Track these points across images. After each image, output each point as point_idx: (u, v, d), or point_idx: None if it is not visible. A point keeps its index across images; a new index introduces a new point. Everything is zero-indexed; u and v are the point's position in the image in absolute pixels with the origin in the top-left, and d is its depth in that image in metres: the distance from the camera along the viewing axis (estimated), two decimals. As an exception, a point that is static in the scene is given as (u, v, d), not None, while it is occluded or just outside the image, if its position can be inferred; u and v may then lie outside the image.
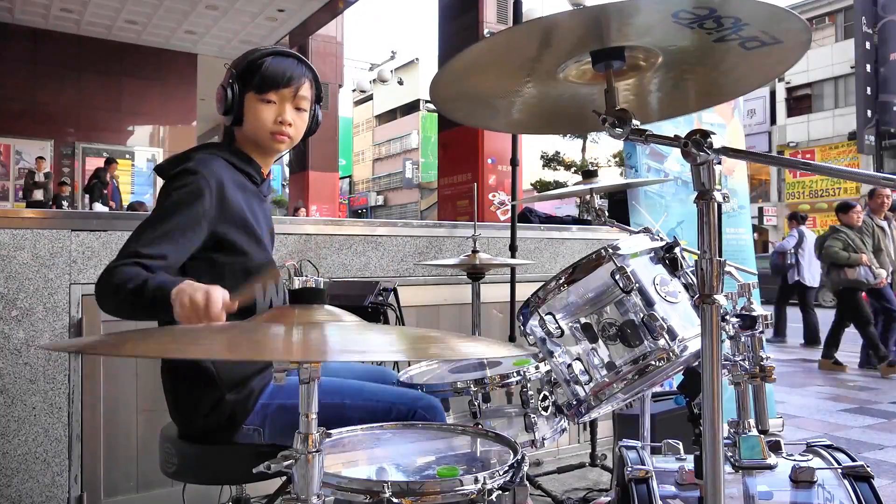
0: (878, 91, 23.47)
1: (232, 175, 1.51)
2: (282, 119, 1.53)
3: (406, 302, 2.49)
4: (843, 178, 1.47)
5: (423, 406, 1.49)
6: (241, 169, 1.55)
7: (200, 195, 1.40)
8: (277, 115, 1.52)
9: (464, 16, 9.37)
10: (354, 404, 1.47)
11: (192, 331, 0.98)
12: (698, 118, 3.40)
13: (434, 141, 22.63)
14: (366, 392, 1.52)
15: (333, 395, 1.47)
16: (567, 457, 3.08)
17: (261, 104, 1.51)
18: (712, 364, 0.99)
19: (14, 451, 2.10)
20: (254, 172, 1.57)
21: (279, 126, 1.53)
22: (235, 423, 1.47)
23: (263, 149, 1.58)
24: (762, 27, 1.03)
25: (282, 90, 1.52)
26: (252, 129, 1.54)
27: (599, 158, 21.74)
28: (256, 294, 1.49)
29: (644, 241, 1.48)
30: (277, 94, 1.52)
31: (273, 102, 1.52)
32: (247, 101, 1.52)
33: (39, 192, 10.05)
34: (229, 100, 1.51)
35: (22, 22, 10.61)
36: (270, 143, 1.55)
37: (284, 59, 1.53)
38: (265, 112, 1.52)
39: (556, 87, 1.24)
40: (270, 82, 1.51)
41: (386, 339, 0.93)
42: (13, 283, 2.11)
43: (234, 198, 1.47)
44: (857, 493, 1.24)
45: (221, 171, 1.47)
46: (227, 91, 1.51)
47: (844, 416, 4.37)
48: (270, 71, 1.51)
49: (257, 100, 1.51)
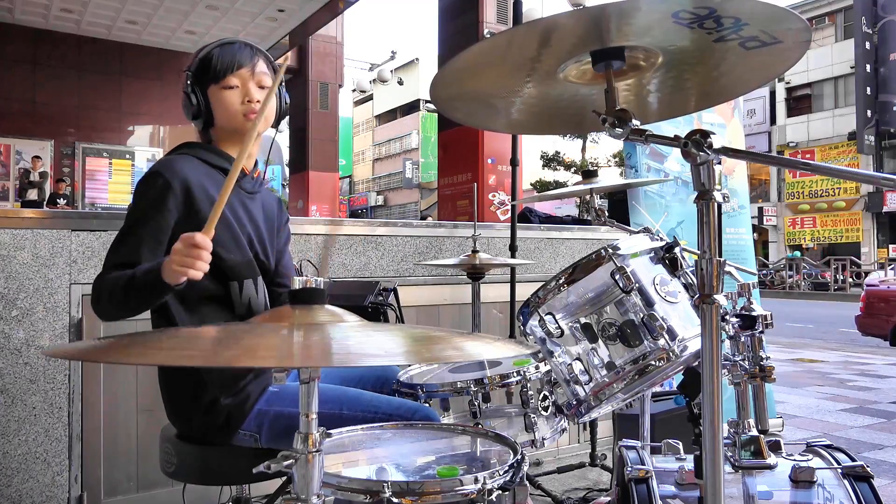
0: (877, 91, 23.48)
1: (205, 172, 1.51)
2: (249, 98, 1.54)
3: (406, 302, 2.49)
4: (843, 178, 1.47)
5: (421, 417, 1.49)
6: (216, 165, 1.54)
7: (164, 197, 1.42)
8: (244, 95, 1.54)
9: (464, 16, 9.36)
10: (352, 414, 1.46)
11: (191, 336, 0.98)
12: (698, 118, 3.40)
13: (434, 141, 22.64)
14: (364, 402, 1.51)
15: (332, 404, 1.47)
16: (567, 457, 3.08)
17: (224, 92, 1.53)
18: (712, 364, 0.99)
19: (14, 451, 2.10)
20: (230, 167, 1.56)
21: (248, 105, 1.54)
22: (231, 427, 1.46)
23: (240, 135, 1.56)
24: (762, 27, 1.03)
25: (239, 71, 1.53)
26: (225, 119, 1.55)
27: (599, 158, 21.75)
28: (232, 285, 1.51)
29: (644, 241, 1.48)
30: (237, 77, 1.53)
31: (236, 87, 1.53)
32: (211, 97, 1.54)
33: (34, 191, 10.00)
34: (195, 102, 1.53)
35: (22, 22, 10.59)
36: (244, 124, 1.55)
37: (231, 46, 1.56)
38: (231, 97, 1.53)
39: (556, 87, 1.24)
40: (226, 67, 1.52)
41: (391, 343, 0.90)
42: (13, 283, 2.11)
43: (203, 196, 1.46)
44: (856, 493, 1.24)
45: (187, 170, 1.47)
46: (191, 95, 1.53)
47: (844, 416, 4.37)
48: (223, 58, 1.53)
49: (220, 89, 1.53)
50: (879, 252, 22.18)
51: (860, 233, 24.64)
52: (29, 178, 10.15)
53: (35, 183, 10.10)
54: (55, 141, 11.32)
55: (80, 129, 11.52)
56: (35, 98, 10.97)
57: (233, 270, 1.50)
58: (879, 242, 23.96)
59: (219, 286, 1.50)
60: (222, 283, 1.50)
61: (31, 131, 10.99)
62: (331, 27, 13.55)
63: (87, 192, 11.63)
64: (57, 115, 11.19)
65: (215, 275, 1.44)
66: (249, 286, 1.54)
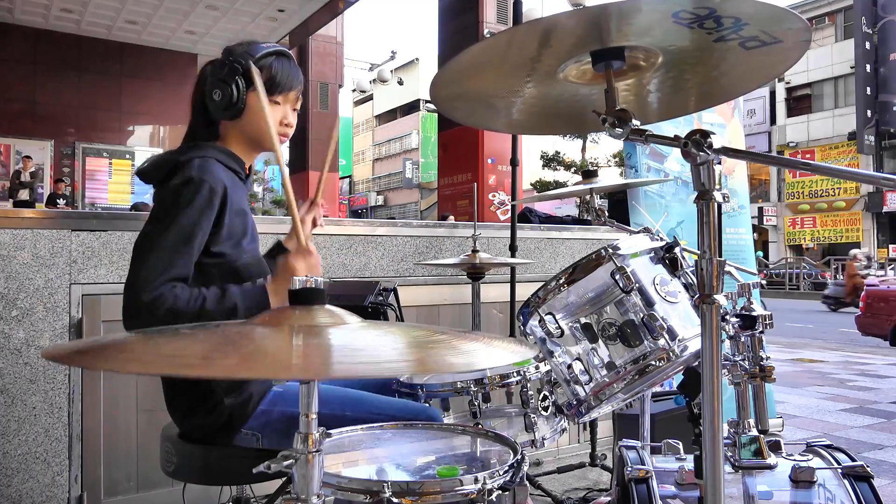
0: (877, 91, 23.49)
1: (227, 177, 1.50)
2: (287, 122, 1.54)
3: (406, 302, 2.49)
4: (843, 178, 1.47)
5: (425, 419, 1.49)
6: (231, 168, 1.53)
7: (211, 206, 1.39)
8: (283, 116, 1.53)
9: (464, 16, 9.37)
10: (356, 416, 1.47)
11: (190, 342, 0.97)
12: (698, 118, 3.40)
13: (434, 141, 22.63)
14: (367, 403, 1.51)
15: (334, 406, 1.47)
16: (567, 457, 3.08)
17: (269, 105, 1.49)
18: (712, 364, 0.99)
19: (14, 451, 2.10)
20: (241, 170, 1.56)
21: (284, 128, 1.54)
22: (233, 426, 1.46)
23: (260, 147, 1.57)
24: (762, 27, 1.03)
25: (289, 93, 1.53)
26: (255, 129, 1.52)
27: (599, 158, 21.74)
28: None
29: (644, 241, 1.48)
30: (284, 97, 1.53)
31: (279, 104, 1.52)
32: (250, 100, 1.48)
33: (25, 191, 9.87)
34: (235, 96, 1.47)
35: (22, 22, 10.60)
36: (272, 143, 1.53)
37: (288, 62, 1.53)
38: (272, 113, 1.49)
39: (556, 87, 1.24)
40: (282, 85, 1.51)
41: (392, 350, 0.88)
42: (13, 283, 2.11)
43: (234, 203, 1.46)
44: (856, 492, 1.24)
45: (222, 175, 1.45)
46: (232, 87, 1.46)
47: (844, 416, 4.37)
48: (281, 74, 1.50)
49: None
50: (879, 252, 22.16)
51: (860, 233, 24.64)
52: (20, 178, 10.02)
53: (26, 183, 9.98)
54: (55, 141, 11.32)
55: (80, 129, 11.52)
56: (35, 98, 10.98)
57: (250, 268, 1.50)
58: (879, 242, 23.96)
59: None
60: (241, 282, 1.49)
61: (31, 131, 11.00)
62: (331, 27, 13.56)
63: (87, 192, 11.64)
64: (57, 115, 11.20)
65: (233, 275, 1.44)
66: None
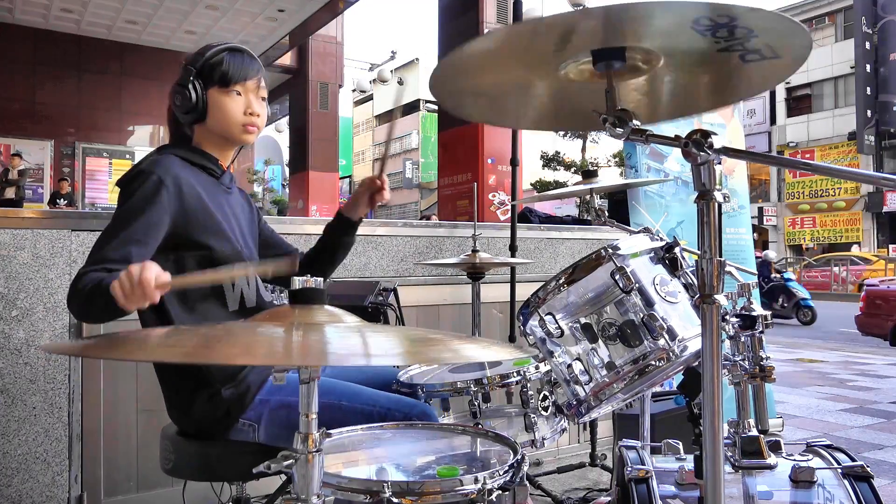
0: (877, 91, 23.48)
1: (189, 171, 1.52)
2: (251, 110, 1.56)
3: (406, 302, 2.49)
4: (843, 178, 1.47)
5: (418, 414, 1.49)
6: (198, 164, 1.56)
7: (158, 193, 1.42)
8: (246, 106, 1.55)
9: (464, 16, 9.36)
10: (351, 406, 1.48)
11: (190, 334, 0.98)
12: (698, 118, 3.40)
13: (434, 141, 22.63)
14: (363, 396, 1.52)
15: (331, 396, 1.48)
16: (567, 457, 3.08)
17: (227, 98, 1.54)
18: (712, 364, 0.99)
19: (14, 451, 2.10)
20: (212, 166, 1.58)
21: (249, 117, 1.56)
22: (231, 417, 1.47)
23: (230, 142, 1.60)
24: (769, 41, 1.02)
25: (247, 82, 1.55)
26: (220, 124, 1.55)
27: (599, 158, 21.72)
28: (223, 281, 1.51)
29: (644, 241, 1.48)
30: (243, 87, 1.55)
31: (240, 95, 1.55)
32: (210, 98, 1.54)
33: (12, 190, 9.75)
34: (194, 98, 1.52)
35: (22, 22, 10.61)
36: (241, 135, 1.57)
37: (241, 55, 1.57)
38: (233, 105, 1.54)
39: (562, 83, 1.24)
40: (236, 76, 1.54)
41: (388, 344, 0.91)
42: (13, 283, 2.11)
43: (193, 193, 1.48)
44: (856, 493, 1.24)
45: (176, 168, 1.48)
46: (190, 89, 1.52)
47: (844, 416, 4.37)
48: (234, 65, 1.54)
49: (223, 94, 1.53)
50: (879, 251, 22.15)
51: (860, 233, 24.64)
52: (7, 176, 9.88)
53: (13, 181, 9.83)
54: (55, 141, 11.33)
55: (80, 129, 11.53)
56: (35, 98, 10.98)
57: (224, 263, 1.51)
58: (879, 242, 23.95)
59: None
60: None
61: (31, 131, 11.01)
62: (331, 27, 13.56)
63: (87, 192, 11.64)
64: (57, 115, 11.20)
65: (207, 268, 1.46)
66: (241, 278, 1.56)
